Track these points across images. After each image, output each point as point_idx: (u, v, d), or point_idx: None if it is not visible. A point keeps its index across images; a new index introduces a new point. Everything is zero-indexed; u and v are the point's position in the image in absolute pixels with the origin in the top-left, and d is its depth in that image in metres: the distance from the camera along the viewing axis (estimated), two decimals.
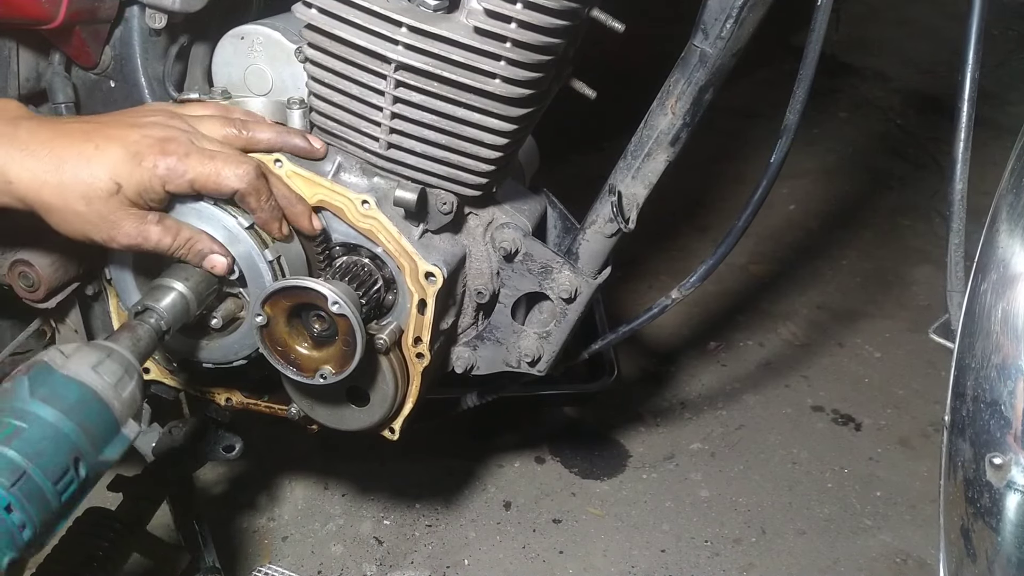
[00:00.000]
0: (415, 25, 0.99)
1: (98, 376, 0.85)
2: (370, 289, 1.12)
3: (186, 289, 1.02)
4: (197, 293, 1.03)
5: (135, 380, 0.90)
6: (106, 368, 0.87)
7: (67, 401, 0.82)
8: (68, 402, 0.82)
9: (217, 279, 1.07)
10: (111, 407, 0.85)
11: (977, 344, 0.88)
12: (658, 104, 1.16)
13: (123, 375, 0.88)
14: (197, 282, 1.04)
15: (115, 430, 0.86)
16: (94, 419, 0.83)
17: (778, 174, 1.14)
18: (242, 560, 1.76)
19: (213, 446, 1.48)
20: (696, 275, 1.22)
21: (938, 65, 4.04)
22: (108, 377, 0.86)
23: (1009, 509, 0.85)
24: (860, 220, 3.04)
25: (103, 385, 0.85)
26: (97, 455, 0.83)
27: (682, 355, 2.39)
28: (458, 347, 1.29)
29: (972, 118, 0.98)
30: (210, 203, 1.05)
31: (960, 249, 0.99)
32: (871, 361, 2.40)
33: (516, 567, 1.78)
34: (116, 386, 0.86)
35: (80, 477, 0.81)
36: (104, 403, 0.85)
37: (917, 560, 1.81)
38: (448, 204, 1.14)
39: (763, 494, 1.97)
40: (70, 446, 0.80)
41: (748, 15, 1.07)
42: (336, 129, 1.12)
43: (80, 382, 0.84)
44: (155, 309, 0.99)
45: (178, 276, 1.03)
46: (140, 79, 1.25)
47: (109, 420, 0.85)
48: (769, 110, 3.49)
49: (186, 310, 1.02)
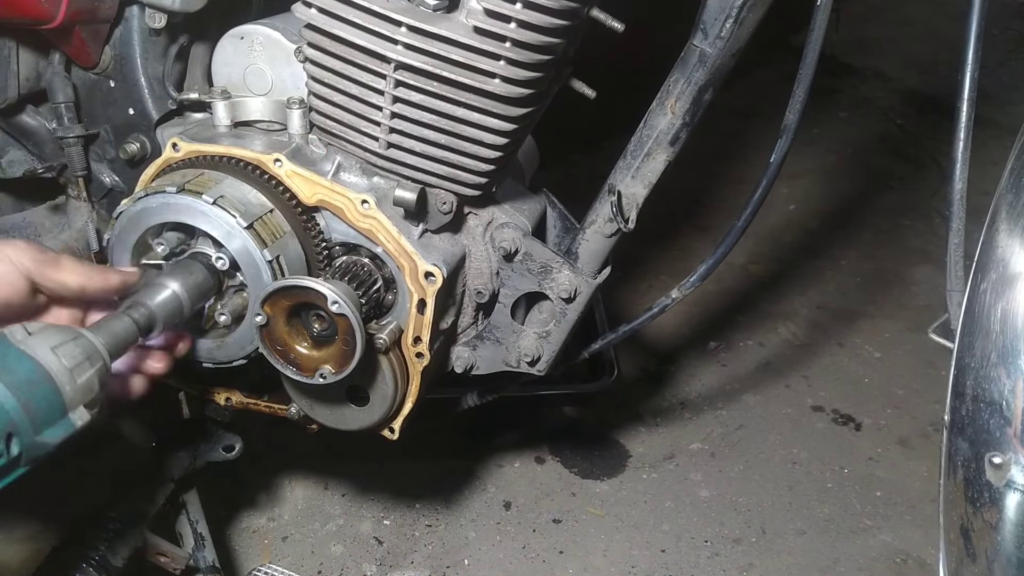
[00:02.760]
0: (415, 25, 0.99)
1: (55, 357, 0.83)
2: (370, 289, 1.12)
3: (180, 288, 1.02)
4: (191, 292, 1.03)
5: (96, 368, 0.87)
6: (66, 351, 0.84)
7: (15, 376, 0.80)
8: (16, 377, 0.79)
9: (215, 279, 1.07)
10: (61, 390, 0.83)
11: (977, 344, 0.88)
12: (658, 104, 1.16)
13: (83, 361, 0.85)
14: (193, 282, 1.03)
15: (61, 414, 0.83)
16: (40, 399, 0.81)
17: (778, 174, 1.14)
18: (242, 560, 1.76)
19: (213, 446, 1.48)
20: (696, 275, 1.22)
21: (938, 65, 4.04)
22: (66, 360, 0.84)
23: (1009, 508, 0.85)
24: (860, 220, 3.04)
25: (58, 367, 0.83)
26: (35, 435, 0.80)
27: (682, 355, 2.39)
28: (458, 347, 1.29)
29: (972, 118, 0.98)
30: (208, 201, 1.05)
31: (960, 249, 0.99)
32: (871, 361, 2.40)
33: (516, 567, 1.78)
34: (73, 370, 0.84)
35: (10, 454, 0.78)
36: (54, 385, 0.82)
37: (917, 560, 1.81)
38: (448, 204, 1.14)
39: (763, 494, 1.96)
40: (6, 420, 0.78)
41: (748, 15, 1.07)
42: (336, 129, 1.12)
43: (33, 359, 0.82)
44: (143, 304, 0.98)
45: (175, 275, 1.03)
46: (140, 79, 1.25)
47: (56, 403, 0.83)
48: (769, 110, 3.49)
49: (179, 309, 1.02)
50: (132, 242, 1.12)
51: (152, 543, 1.41)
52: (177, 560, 1.43)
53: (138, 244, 1.12)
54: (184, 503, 1.55)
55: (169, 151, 1.16)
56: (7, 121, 1.31)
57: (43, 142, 1.32)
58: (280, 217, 1.12)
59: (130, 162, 1.28)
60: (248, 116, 1.21)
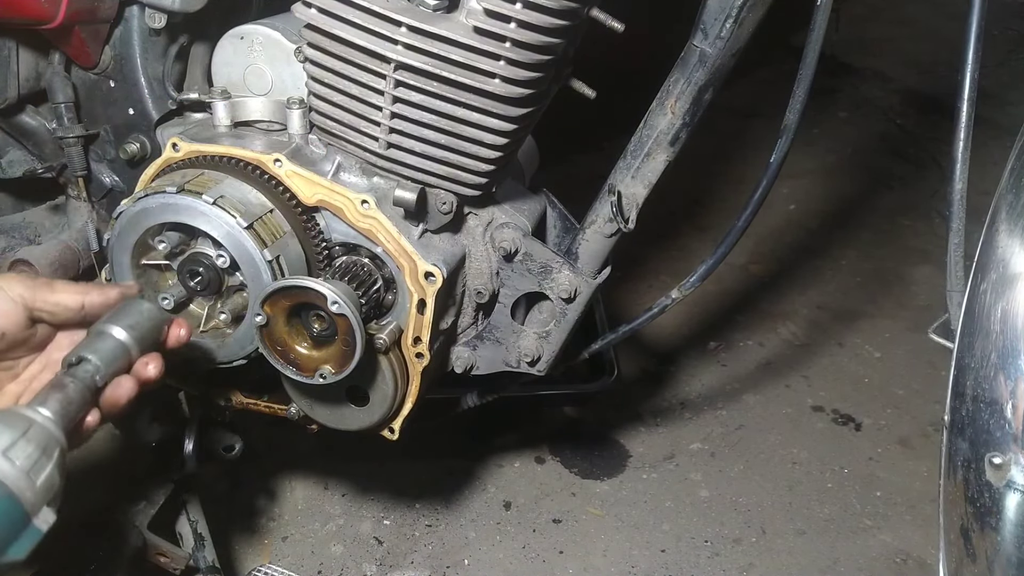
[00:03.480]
0: (415, 25, 0.99)
1: (8, 463, 0.74)
2: (370, 289, 1.12)
3: (126, 335, 0.90)
4: (140, 338, 0.92)
5: (55, 459, 0.78)
6: (19, 451, 0.75)
7: None
8: None
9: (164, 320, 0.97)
10: (21, 500, 0.74)
11: (977, 344, 0.88)
12: (658, 104, 1.16)
13: (40, 457, 0.76)
14: (140, 328, 0.92)
15: (24, 524, 0.74)
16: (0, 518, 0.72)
17: (778, 174, 1.15)
18: (242, 560, 1.76)
19: (213, 446, 1.48)
20: (696, 275, 1.22)
21: (938, 65, 4.04)
22: (21, 461, 0.75)
23: (1009, 509, 0.85)
24: (860, 220, 3.04)
25: (14, 476, 0.74)
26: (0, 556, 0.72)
27: (682, 355, 2.39)
28: (458, 347, 1.29)
29: (972, 118, 0.98)
30: (208, 201, 1.05)
31: (960, 249, 0.99)
32: (871, 361, 2.40)
33: (516, 567, 1.78)
34: (30, 472, 0.75)
35: None
36: (13, 498, 0.73)
37: (917, 560, 1.81)
38: (448, 204, 1.14)
39: (763, 494, 1.96)
40: None
41: (748, 15, 1.07)
42: (336, 129, 1.12)
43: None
44: (90, 361, 0.87)
45: (120, 320, 0.91)
46: (140, 79, 1.25)
47: (17, 516, 0.74)
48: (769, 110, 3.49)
49: (126, 357, 0.91)
50: (132, 242, 1.12)
51: (152, 543, 1.41)
52: (177, 560, 1.43)
53: (138, 244, 1.12)
54: (184, 503, 1.54)
55: (169, 151, 1.16)
56: (7, 121, 1.31)
57: (43, 142, 1.32)
58: (280, 217, 1.12)
59: (130, 162, 1.28)
60: (248, 116, 1.21)
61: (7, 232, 1.37)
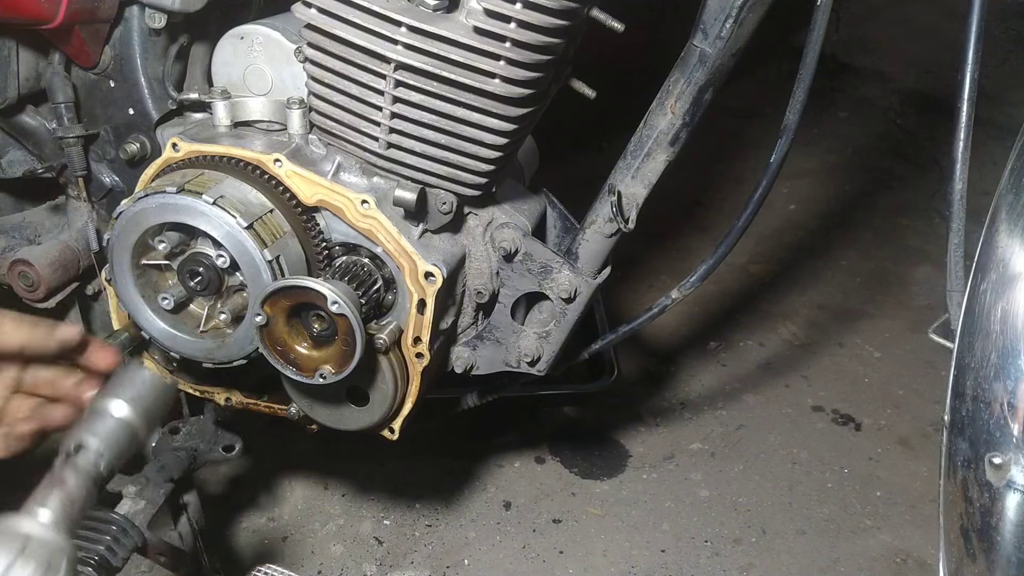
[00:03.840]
0: (415, 25, 0.99)
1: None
2: (370, 289, 1.12)
3: (131, 414, 0.82)
4: (145, 412, 0.83)
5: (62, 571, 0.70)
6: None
7: None
8: None
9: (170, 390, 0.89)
10: None
11: (977, 344, 0.88)
12: (658, 104, 1.16)
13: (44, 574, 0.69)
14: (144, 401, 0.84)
15: None
16: None
17: (778, 174, 1.15)
18: (242, 560, 1.76)
19: (213, 446, 1.48)
20: (696, 275, 1.22)
21: (938, 65, 4.04)
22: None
23: (1009, 509, 0.85)
24: (860, 220, 3.04)
25: None
26: None
27: (682, 355, 2.39)
28: (458, 347, 1.29)
29: (972, 118, 0.98)
30: (208, 201, 1.05)
31: (960, 249, 0.99)
32: (871, 361, 2.40)
33: (516, 567, 1.78)
34: None
35: None
36: None
37: (917, 560, 1.81)
38: (448, 204, 1.14)
39: (763, 494, 1.96)
40: None
41: (748, 15, 1.07)
42: (336, 129, 1.12)
43: None
44: (91, 448, 0.79)
45: (123, 394, 0.83)
46: (140, 79, 1.25)
47: None
48: (769, 110, 3.50)
49: (132, 439, 0.82)
50: (132, 242, 1.12)
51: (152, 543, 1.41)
52: (177, 560, 1.43)
53: (138, 244, 1.12)
54: (184, 503, 1.54)
55: (169, 151, 1.16)
56: (7, 121, 1.31)
57: (43, 142, 1.32)
58: (280, 217, 1.12)
59: (130, 162, 1.28)
60: (248, 116, 1.21)
61: (7, 232, 1.37)
